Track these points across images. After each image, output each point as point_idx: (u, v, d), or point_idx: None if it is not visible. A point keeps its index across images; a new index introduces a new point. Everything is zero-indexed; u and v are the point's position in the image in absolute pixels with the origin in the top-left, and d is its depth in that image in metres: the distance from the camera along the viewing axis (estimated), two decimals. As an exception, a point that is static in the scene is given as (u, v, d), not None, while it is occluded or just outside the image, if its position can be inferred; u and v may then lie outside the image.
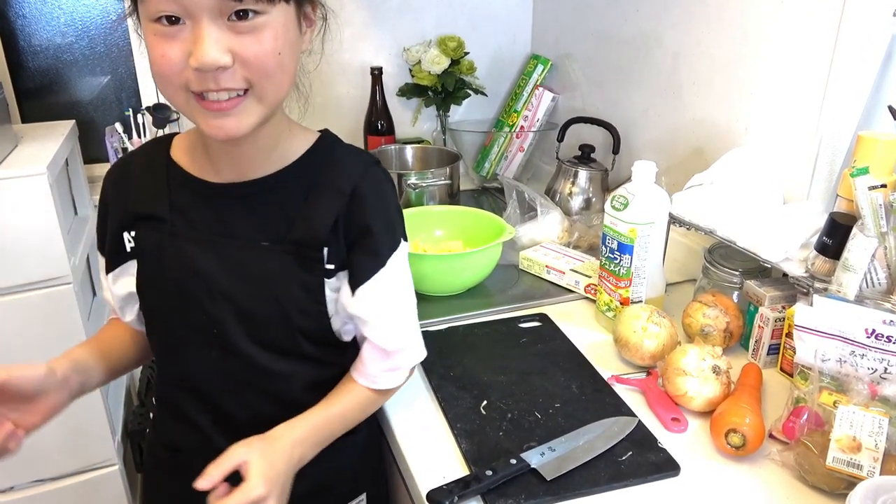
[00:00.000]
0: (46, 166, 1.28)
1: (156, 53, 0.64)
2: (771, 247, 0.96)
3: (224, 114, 0.66)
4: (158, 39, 0.64)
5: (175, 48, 0.63)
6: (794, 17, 1.06)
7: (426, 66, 1.77)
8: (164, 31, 0.63)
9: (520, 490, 0.76)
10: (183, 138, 0.81)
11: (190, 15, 0.62)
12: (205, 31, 0.62)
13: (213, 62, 0.62)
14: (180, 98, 0.67)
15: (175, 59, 0.64)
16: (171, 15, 0.62)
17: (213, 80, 0.64)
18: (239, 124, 0.68)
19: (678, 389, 0.88)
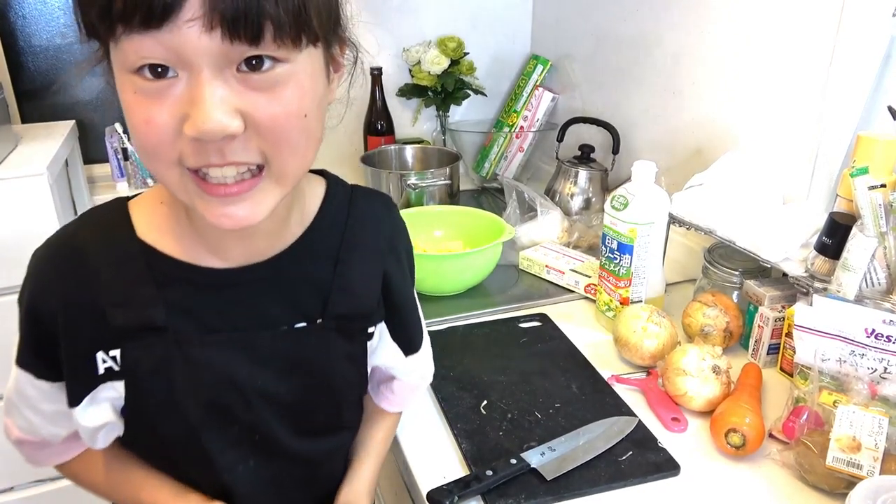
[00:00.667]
0: (46, 167, 1.28)
1: (137, 118, 0.47)
2: (771, 247, 0.96)
3: (233, 199, 0.50)
4: (140, 99, 0.47)
5: (164, 111, 0.46)
6: (794, 18, 1.06)
7: (426, 67, 1.77)
8: (149, 87, 0.46)
9: (520, 490, 0.76)
10: (148, 210, 0.61)
11: (185, 64, 0.45)
12: (206, 86, 0.45)
13: (219, 129, 0.46)
14: (173, 176, 0.50)
15: (164, 126, 0.47)
16: (158, 64, 0.45)
17: (216, 154, 0.48)
18: (253, 212, 0.52)
19: (678, 389, 0.88)
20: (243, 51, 0.46)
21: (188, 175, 0.50)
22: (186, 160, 0.49)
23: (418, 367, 0.79)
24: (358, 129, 1.83)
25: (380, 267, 0.67)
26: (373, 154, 1.71)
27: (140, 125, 0.47)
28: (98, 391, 0.60)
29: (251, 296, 0.61)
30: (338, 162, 1.86)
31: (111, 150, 1.66)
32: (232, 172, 0.49)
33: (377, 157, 1.70)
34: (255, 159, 0.50)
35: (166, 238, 0.59)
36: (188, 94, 0.46)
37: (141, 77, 0.46)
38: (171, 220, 0.60)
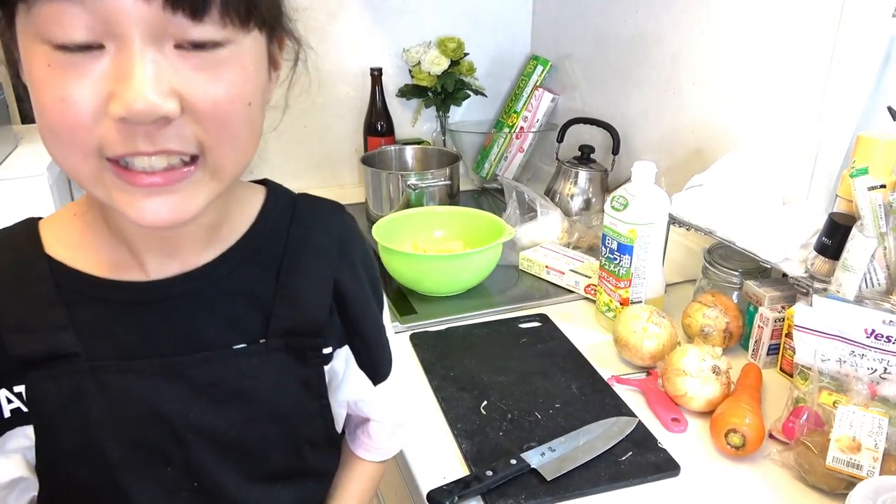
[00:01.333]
0: (46, 167, 1.28)
1: (49, 96, 0.40)
2: (770, 247, 0.96)
3: (159, 191, 0.43)
4: (55, 73, 0.39)
5: (84, 87, 0.40)
6: (794, 18, 1.06)
7: (426, 67, 1.77)
8: (68, 59, 0.39)
9: (520, 490, 0.76)
10: (60, 225, 0.54)
11: (114, 34, 0.39)
12: (138, 59, 0.39)
13: (151, 109, 0.39)
14: (87, 167, 0.43)
15: (83, 105, 0.40)
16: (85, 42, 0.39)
17: (144, 139, 0.41)
18: (182, 207, 0.45)
19: (678, 390, 0.88)
20: (185, 26, 0.40)
21: (106, 165, 0.43)
22: (108, 148, 0.41)
23: (391, 401, 0.69)
24: (358, 129, 1.83)
25: (329, 274, 0.58)
26: (373, 154, 1.71)
27: (53, 104, 0.40)
28: (5, 440, 0.51)
29: (179, 313, 0.53)
30: (338, 162, 1.86)
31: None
32: (162, 162, 0.43)
33: (377, 157, 1.70)
34: (190, 148, 0.43)
35: (79, 253, 0.52)
36: (115, 69, 0.39)
37: (58, 49, 0.39)
38: (85, 233, 0.53)
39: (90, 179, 0.44)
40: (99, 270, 0.52)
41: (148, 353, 0.52)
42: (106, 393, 0.51)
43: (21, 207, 1.27)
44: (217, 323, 0.54)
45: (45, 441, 0.51)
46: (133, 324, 0.52)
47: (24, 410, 0.50)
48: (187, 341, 0.53)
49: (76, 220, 0.53)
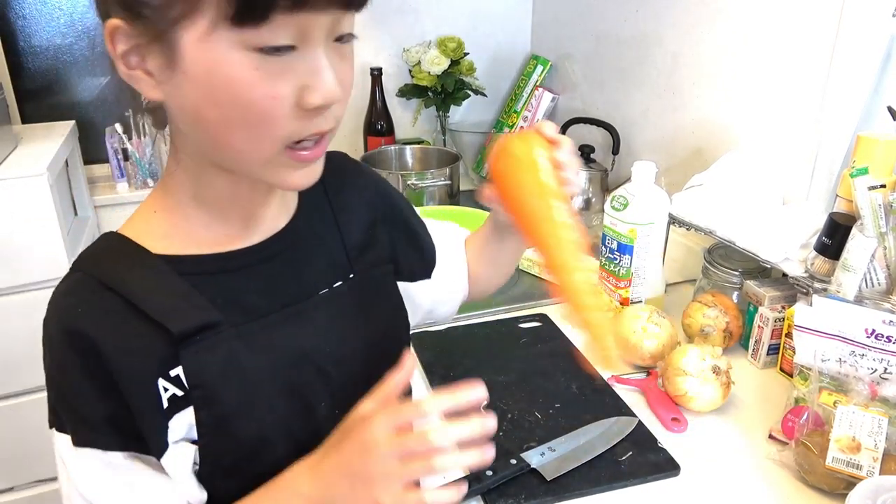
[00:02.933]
0: (46, 167, 1.28)
1: (260, 94, 0.47)
2: (770, 247, 0.96)
3: (311, 162, 0.53)
4: (263, 76, 0.47)
5: (287, 84, 0.48)
6: (794, 18, 1.06)
7: (426, 67, 1.77)
8: (274, 62, 0.47)
9: (520, 490, 0.76)
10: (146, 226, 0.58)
11: (307, 39, 0.48)
12: (323, 56, 0.49)
13: (337, 94, 0.50)
14: (267, 151, 0.51)
15: (287, 100, 0.48)
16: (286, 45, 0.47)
17: (324, 121, 0.51)
18: (319, 169, 0.55)
19: (678, 389, 0.88)
20: (345, 22, 0.50)
21: (285, 150, 0.51)
22: (297, 133, 0.50)
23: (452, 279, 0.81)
24: (358, 129, 1.83)
25: (371, 210, 0.70)
26: (373, 154, 1.71)
27: (265, 101, 0.48)
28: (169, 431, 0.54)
29: (283, 268, 0.61)
30: (338, 162, 1.86)
31: (111, 151, 1.66)
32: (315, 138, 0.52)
33: (377, 157, 1.70)
34: (334, 125, 0.53)
35: (178, 241, 0.58)
36: (306, 66, 0.48)
37: (264, 53, 0.46)
38: (173, 223, 0.58)
39: (261, 162, 0.52)
40: (205, 249, 0.58)
41: (273, 307, 0.59)
42: (254, 350, 0.57)
43: (21, 207, 1.27)
44: (315, 269, 0.64)
45: (208, 411, 0.55)
46: (252, 284, 0.59)
47: (180, 395, 0.54)
48: (299, 289, 0.62)
49: (160, 216, 0.59)
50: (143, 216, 0.59)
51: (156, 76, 0.49)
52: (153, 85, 0.50)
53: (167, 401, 0.54)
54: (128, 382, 0.52)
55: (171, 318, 0.53)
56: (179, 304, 0.55)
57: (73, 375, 0.52)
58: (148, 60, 0.49)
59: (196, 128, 0.52)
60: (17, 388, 1.39)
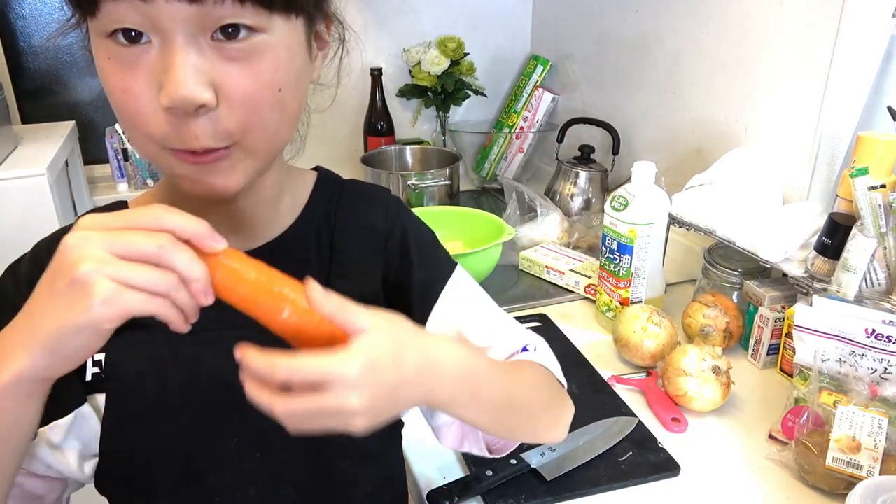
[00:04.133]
0: (46, 167, 1.28)
1: (114, 85, 0.45)
2: (770, 247, 0.96)
3: (204, 168, 0.48)
4: (115, 66, 0.44)
5: (139, 78, 0.44)
6: (794, 18, 1.06)
7: (426, 67, 1.77)
8: (123, 53, 0.44)
9: (520, 490, 0.76)
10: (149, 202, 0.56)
11: (158, 29, 0.43)
12: (179, 53, 0.43)
13: (191, 98, 0.43)
14: (152, 148, 0.48)
15: (141, 94, 0.44)
16: (131, 28, 0.43)
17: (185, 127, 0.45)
18: (226, 182, 0.49)
19: (678, 389, 0.88)
20: (220, 16, 0.43)
21: (165, 152, 0.47)
22: (171, 140, 0.46)
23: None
24: (358, 129, 1.83)
25: (380, 255, 0.63)
26: (373, 154, 1.71)
27: (118, 92, 0.45)
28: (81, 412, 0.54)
29: None
30: (338, 162, 1.86)
31: (111, 151, 1.66)
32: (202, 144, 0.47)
33: (377, 157, 1.70)
34: (224, 143, 0.47)
35: None
36: (161, 62, 0.43)
37: (114, 42, 0.44)
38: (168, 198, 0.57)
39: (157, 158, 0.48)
40: None
41: (220, 326, 0.52)
42: (181, 363, 0.55)
43: (21, 207, 1.27)
44: None
45: (116, 407, 0.54)
46: None
47: (103, 377, 0.54)
48: None
49: (151, 198, 0.58)
50: (146, 199, 0.60)
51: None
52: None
53: (90, 374, 0.54)
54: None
55: None
56: None
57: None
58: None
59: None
60: (17, 389, 1.39)
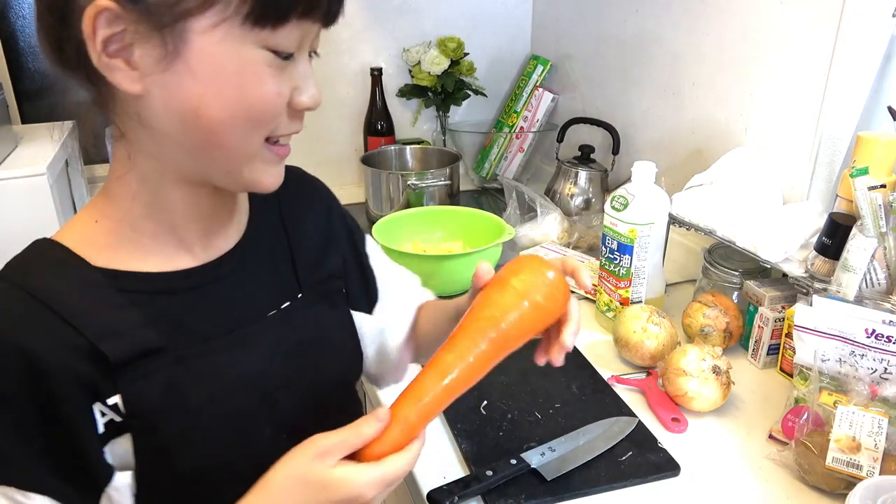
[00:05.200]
0: (46, 167, 1.28)
1: (269, 89, 0.49)
2: (770, 247, 0.96)
3: (281, 161, 0.55)
4: (272, 72, 0.49)
5: (286, 85, 0.51)
6: (794, 18, 1.06)
7: (426, 67, 1.77)
8: (279, 64, 0.50)
9: (520, 490, 0.76)
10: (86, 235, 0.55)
11: (301, 46, 0.51)
12: (309, 64, 0.53)
13: (320, 100, 0.53)
14: (256, 141, 0.52)
15: (285, 98, 0.51)
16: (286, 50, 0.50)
17: (300, 123, 0.55)
18: (283, 172, 0.57)
19: (678, 389, 0.88)
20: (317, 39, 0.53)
21: (265, 145, 0.53)
22: (280, 129, 0.52)
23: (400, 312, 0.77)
24: (358, 129, 1.83)
25: (325, 226, 0.69)
26: (373, 154, 1.71)
27: (271, 96, 0.50)
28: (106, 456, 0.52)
29: (232, 289, 0.59)
30: (338, 162, 1.86)
31: (111, 151, 1.66)
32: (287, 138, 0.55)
33: (377, 157, 1.70)
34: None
35: (122, 254, 0.54)
36: (298, 71, 0.52)
37: (274, 54, 0.49)
38: (119, 234, 0.55)
39: (251, 153, 0.52)
40: (149, 266, 0.55)
41: (218, 331, 0.56)
42: (196, 377, 0.54)
43: (21, 207, 1.27)
44: (263, 290, 0.61)
45: (147, 440, 0.53)
46: (199, 306, 0.56)
47: (118, 420, 0.51)
48: (246, 311, 0.59)
49: (101, 226, 0.55)
50: (82, 224, 0.55)
51: (141, 68, 0.47)
52: (134, 77, 0.47)
53: (103, 426, 0.51)
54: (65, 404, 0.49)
55: (109, 343, 0.50)
56: (118, 325, 0.51)
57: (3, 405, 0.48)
58: (136, 50, 0.46)
59: (185, 125, 0.49)
60: (17, 388, 1.39)
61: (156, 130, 0.51)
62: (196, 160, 0.52)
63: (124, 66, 0.47)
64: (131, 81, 0.48)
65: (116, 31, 0.46)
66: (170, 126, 0.50)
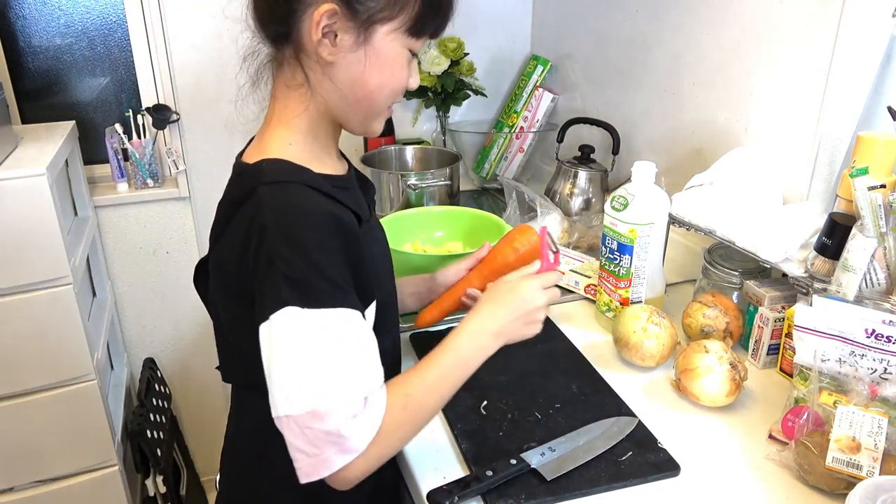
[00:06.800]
0: (46, 167, 1.28)
1: (404, 75, 0.75)
2: (770, 247, 0.96)
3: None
4: (408, 65, 0.76)
5: (410, 73, 0.77)
6: (794, 18, 1.06)
7: (426, 67, 1.77)
8: (410, 59, 0.76)
9: (520, 490, 0.76)
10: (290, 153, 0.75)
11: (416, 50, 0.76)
12: (416, 60, 0.78)
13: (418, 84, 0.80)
14: (383, 107, 0.78)
15: (407, 80, 0.76)
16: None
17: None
18: None
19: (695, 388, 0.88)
20: None
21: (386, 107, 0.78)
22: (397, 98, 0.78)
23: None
24: (358, 129, 1.82)
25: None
26: (373, 154, 1.71)
27: (405, 79, 0.76)
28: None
29: (360, 194, 0.83)
30: (338, 162, 1.86)
31: (111, 151, 1.66)
32: None
33: (377, 157, 1.70)
34: None
35: (317, 165, 0.76)
36: (413, 66, 0.77)
37: (410, 55, 0.75)
38: (308, 152, 0.77)
39: (379, 112, 0.78)
40: (330, 171, 0.78)
41: (366, 216, 0.80)
42: (375, 242, 0.84)
43: (21, 207, 1.28)
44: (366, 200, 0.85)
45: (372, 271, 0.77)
46: (357, 199, 0.81)
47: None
48: (366, 209, 0.82)
49: (295, 147, 0.76)
50: (283, 147, 0.75)
51: (338, 47, 0.71)
52: (333, 52, 0.71)
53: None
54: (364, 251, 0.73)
55: (359, 210, 0.76)
56: (352, 202, 0.76)
57: (337, 254, 0.69)
58: (341, 35, 0.71)
59: (353, 86, 0.74)
60: (17, 389, 1.39)
61: (333, 84, 0.74)
62: (349, 108, 0.76)
63: (329, 44, 0.71)
64: (329, 54, 0.71)
65: (332, 22, 0.70)
66: (343, 84, 0.74)
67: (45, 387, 1.41)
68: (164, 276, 1.82)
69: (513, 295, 0.81)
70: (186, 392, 1.97)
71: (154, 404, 1.69)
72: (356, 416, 0.65)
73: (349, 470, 0.66)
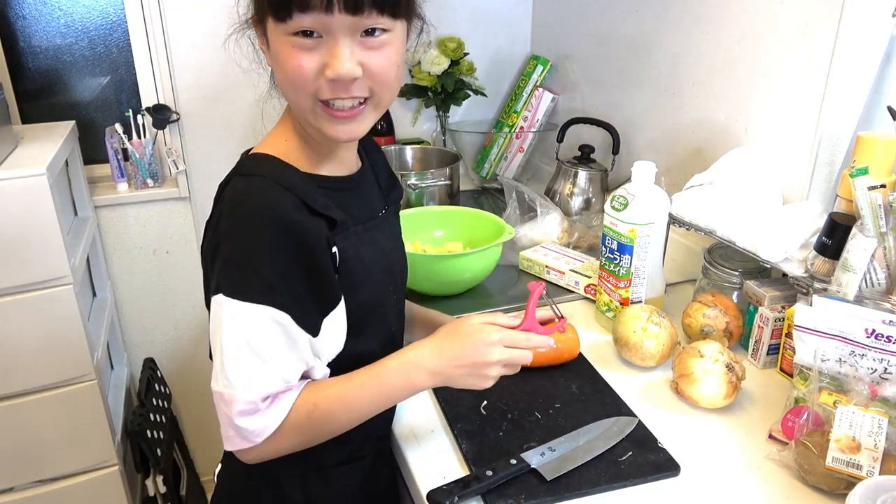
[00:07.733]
0: (46, 167, 1.28)
1: (292, 63, 0.69)
2: (770, 247, 0.96)
3: (347, 120, 0.72)
4: (296, 51, 0.68)
5: (311, 60, 0.68)
6: (794, 18, 1.06)
7: (426, 67, 1.77)
8: (302, 43, 0.68)
9: (520, 490, 0.76)
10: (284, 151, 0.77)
11: (329, 31, 0.67)
12: (341, 46, 0.68)
13: (349, 73, 0.68)
14: (307, 104, 0.72)
15: (310, 70, 0.69)
16: (309, 30, 0.67)
17: (343, 90, 0.70)
18: (358, 128, 0.74)
19: (693, 392, 0.88)
20: (364, 24, 0.68)
21: (318, 104, 0.71)
22: (321, 93, 0.70)
23: None
24: (358, 129, 1.82)
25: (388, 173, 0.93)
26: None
27: (295, 68, 0.69)
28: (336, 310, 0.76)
29: (362, 194, 0.84)
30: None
31: (111, 151, 1.66)
32: (349, 104, 0.71)
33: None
34: (365, 94, 0.72)
35: (308, 164, 0.78)
36: (328, 51, 0.68)
37: (297, 37, 0.68)
38: (301, 149, 0.78)
39: (308, 112, 0.72)
40: (325, 172, 0.79)
41: (363, 219, 0.81)
42: (367, 244, 0.80)
43: (21, 207, 1.28)
44: (373, 200, 0.86)
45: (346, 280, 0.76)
46: (353, 202, 0.81)
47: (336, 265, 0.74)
48: (371, 210, 0.84)
49: (290, 143, 0.78)
50: (278, 143, 0.77)
51: (268, 52, 0.73)
52: (266, 58, 0.74)
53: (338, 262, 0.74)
54: (320, 254, 0.71)
55: (330, 213, 0.74)
56: (327, 205, 0.74)
57: (280, 254, 0.69)
58: (264, 41, 0.73)
59: (280, 87, 0.74)
60: (17, 389, 1.39)
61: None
62: (294, 111, 0.76)
63: (265, 50, 0.74)
64: (268, 59, 0.74)
65: (259, 31, 0.73)
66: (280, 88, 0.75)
67: (45, 387, 1.41)
68: (164, 276, 1.82)
69: (466, 339, 0.76)
70: (186, 392, 1.97)
71: (154, 404, 1.69)
72: (254, 413, 0.69)
73: (247, 453, 0.72)
